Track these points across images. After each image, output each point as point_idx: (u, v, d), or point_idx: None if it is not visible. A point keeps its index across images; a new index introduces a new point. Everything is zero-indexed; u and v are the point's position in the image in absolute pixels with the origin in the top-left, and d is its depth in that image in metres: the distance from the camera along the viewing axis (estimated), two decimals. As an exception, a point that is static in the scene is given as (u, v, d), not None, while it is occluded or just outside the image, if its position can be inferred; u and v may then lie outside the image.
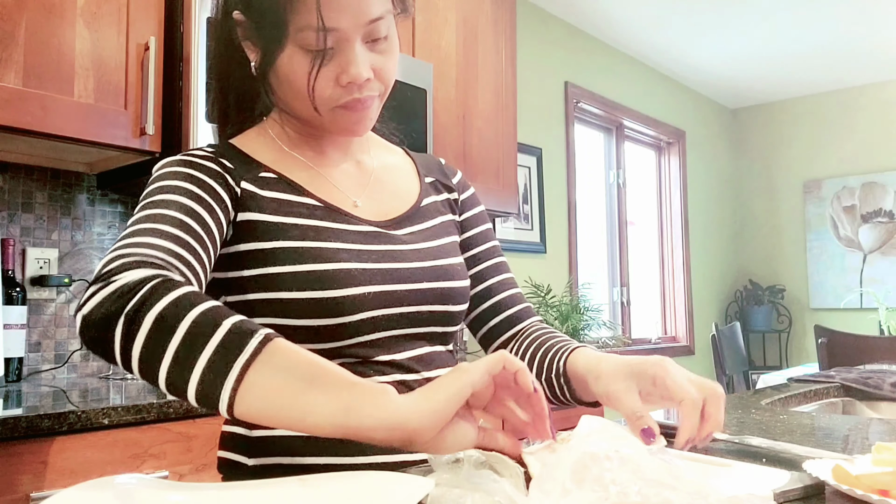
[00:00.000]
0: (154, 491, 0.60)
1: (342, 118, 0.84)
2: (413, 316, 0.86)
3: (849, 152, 5.06)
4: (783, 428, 0.97)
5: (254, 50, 0.84)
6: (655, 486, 0.49)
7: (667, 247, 4.88)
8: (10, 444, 1.20)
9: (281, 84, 0.83)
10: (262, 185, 0.84)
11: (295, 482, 0.62)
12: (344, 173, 0.92)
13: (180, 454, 1.40)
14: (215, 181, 0.81)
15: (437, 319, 0.89)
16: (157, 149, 1.72)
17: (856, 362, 2.68)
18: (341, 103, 0.82)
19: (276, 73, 0.82)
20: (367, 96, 0.83)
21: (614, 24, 4.00)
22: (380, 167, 0.96)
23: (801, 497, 0.61)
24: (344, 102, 0.82)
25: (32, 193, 1.87)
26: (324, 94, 0.81)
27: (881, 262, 4.89)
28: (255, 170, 0.85)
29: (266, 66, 0.82)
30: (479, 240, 1.01)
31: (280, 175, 0.86)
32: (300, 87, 0.80)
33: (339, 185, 0.90)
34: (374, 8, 0.80)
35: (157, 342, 0.61)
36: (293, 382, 0.59)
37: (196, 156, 0.83)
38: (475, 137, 2.62)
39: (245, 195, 0.82)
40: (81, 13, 1.61)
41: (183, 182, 0.79)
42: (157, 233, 0.72)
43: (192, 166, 0.81)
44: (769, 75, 4.87)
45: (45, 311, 1.87)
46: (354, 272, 0.81)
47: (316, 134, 0.91)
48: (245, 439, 0.83)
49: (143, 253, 0.69)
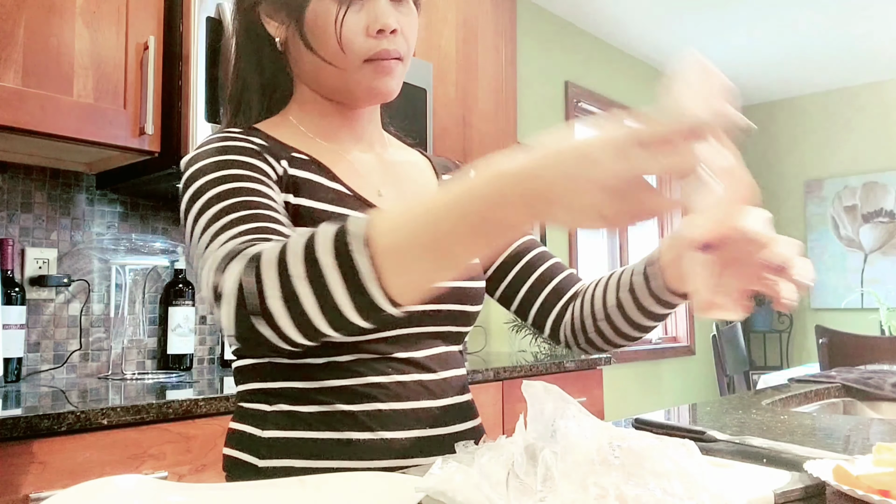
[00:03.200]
0: (153, 491, 0.60)
1: (370, 77, 0.84)
2: (433, 314, 0.86)
3: (850, 152, 5.06)
4: (784, 428, 0.97)
5: (279, 24, 0.86)
6: (635, 488, 0.49)
7: (667, 247, 4.87)
8: (9, 444, 1.20)
9: (315, 38, 0.83)
10: (298, 165, 0.84)
11: (294, 483, 0.62)
12: (366, 163, 0.92)
13: (179, 454, 1.40)
14: (259, 160, 0.80)
15: (454, 318, 0.88)
16: (156, 148, 1.72)
17: (857, 362, 2.67)
18: (370, 55, 0.83)
19: (307, 28, 0.82)
20: (394, 50, 0.83)
21: (615, 24, 4.00)
22: (399, 161, 0.96)
23: (802, 497, 0.61)
24: (373, 54, 0.82)
25: (31, 193, 1.87)
26: (353, 45, 0.82)
27: (882, 262, 4.89)
28: (288, 150, 0.85)
29: (297, 27, 0.83)
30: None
31: (311, 157, 0.86)
32: (329, 35, 0.81)
33: (362, 173, 0.90)
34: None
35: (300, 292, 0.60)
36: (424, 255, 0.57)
37: (231, 138, 0.82)
38: (475, 137, 2.62)
39: (284, 175, 0.82)
40: (81, 12, 1.61)
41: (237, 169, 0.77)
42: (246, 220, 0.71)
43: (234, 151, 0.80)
44: (770, 75, 4.87)
45: (45, 311, 1.87)
46: None
47: (338, 121, 0.91)
48: (255, 439, 0.81)
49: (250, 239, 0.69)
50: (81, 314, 1.94)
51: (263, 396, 0.83)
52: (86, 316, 1.94)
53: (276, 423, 0.81)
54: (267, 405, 0.82)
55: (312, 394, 0.81)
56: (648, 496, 0.49)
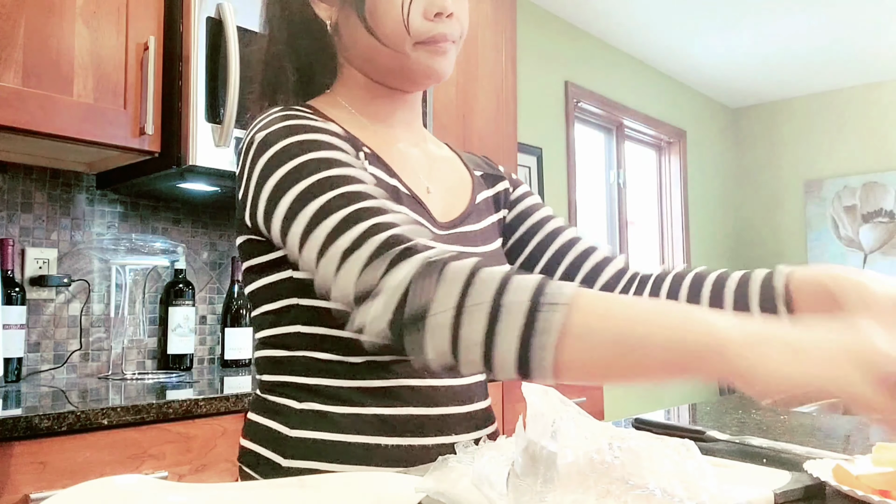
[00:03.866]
0: (153, 491, 0.60)
1: (426, 58, 0.85)
2: None
3: (849, 152, 5.06)
4: (784, 428, 0.97)
5: (331, 5, 0.86)
6: (635, 488, 0.49)
7: (667, 247, 4.87)
8: (9, 444, 1.20)
9: (374, 20, 0.83)
10: (367, 158, 0.84)
11: (294, 483, 0.62)
12: (414, 157, 0.92)
13: (180, 454, 1.40)
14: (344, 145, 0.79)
15: None
16: (156, 148, 1.72)
17: (856, 362, 2.67)
18: (427, 37, 0.83)
19: (367, 10, 0.83)
20: (450, 33, 0.85)
21: (615, 24, 4.00)
22: (439, 157, 0.97)
23: (802, 497, 0.61)
24: (430, 36, 0.83)
25: (31, 193, 1.87)
26: (412, 28, 0.82)
27: (882, 262, 4.89)
28: (354, 140, 0.84)
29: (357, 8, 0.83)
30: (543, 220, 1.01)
31: (373, 150, 0.86)
32: (389, 17, 0.82)
33: (414, 168, 0.90)
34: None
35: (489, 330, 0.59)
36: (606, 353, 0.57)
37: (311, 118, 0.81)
38: (475, 137, 2.62)
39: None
40: (81, 12, 1.61)
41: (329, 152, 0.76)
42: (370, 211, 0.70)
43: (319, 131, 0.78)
44: (770, 75, 4.87)
45: (45, 311, 1.87)
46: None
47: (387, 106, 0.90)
48: (282, 437, 0.80)
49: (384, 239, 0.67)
50: (81, 314, 1.94)
51: (294, 391, 0.81)
52: (86, 316, 1.94)
53: (304, 422, 0.79)
54: (297, 402, 0.81)
55: (346, 392, 0.80)
56: (648, 496, 0.49)
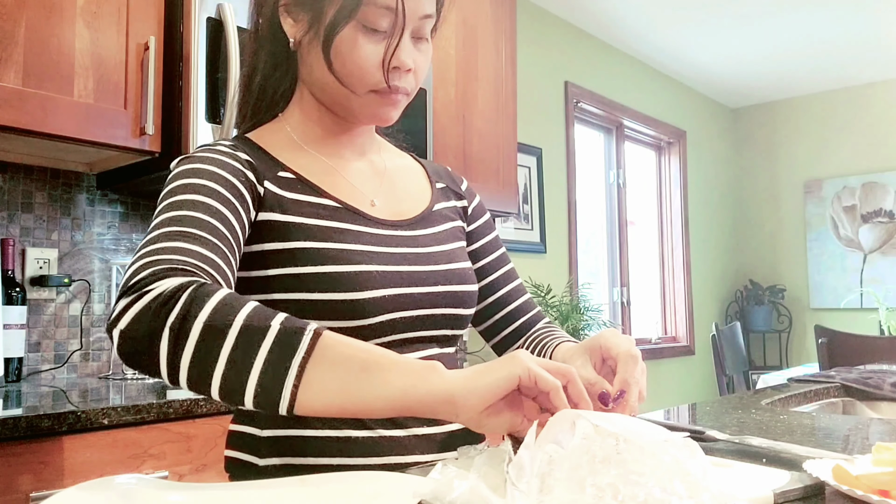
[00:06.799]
0: (154, 491, 0.60)
1: (375, 103, 0.85)
2: (428, 318, 0.87)
3: (849, 152, 5.06)
4: (783, 428, 0.97)
5: (298, 23, 0.86)
6: (633, 487, 0.49)
7: (667, 247, 4.88)
8: (9, 444, 1.20)
9: (338, 56, 0.82)
10: (283, 185, 0.85)
11: (295, 482, 0.62)
12: (359, 172, 0.93)
13: (180, 454, 1.40)
14: (238, 180, 0.80)
15: (449, 322, 0.90)
16: (156, 149, 1.72)
17: (856, 362, 2.67)
18: (382, 88, 0.84)
19: (335, 46, 0.82)
20: (404, 87, 0.85)
21: (614, 24, 4.00)
22: (392, 168, 0.97)
23: (802, 497, 0.61)
24: (383, 87, 0.84)
25: (32, 193, 1.87)
26: (366, 76, 0.83)
27: (881, 262, 4.89)
28: (275, 168, 0.85)
29: (329, 34, 0.82)
30: (488, 249, 1.04)
31: (299, 175, 0.86)
32: (350, 61, 0.82)
33: (355, 184, 0.91)
34: (427, 5, 0.84)
35: (208, 351, 0.61)
36: (350, 374, 0.62)
37: (219, 152, 0.82)
38: (475, 137, 2.62)
39: (267, 195, 0.83)
40: (81, 12, 1.61)
41: (207, 181, 0.78)
42: (184, 236, 0.71)
43: (215, 164, 0.80)
44: (770, 75, 4.87)
45: (45, 311, 1.87)
46: (375, 275, 0.82)
47: (334, 129, 0.91)
48: (255, 439, 0.83)
49: (173, 259, 0.68)
50: (82, 314, 1.94)
51: None
52: (86, 316, 1.94)
53: (274, 422, 0.82)
54: None
55: None
56: (648, 496, 0.49)
